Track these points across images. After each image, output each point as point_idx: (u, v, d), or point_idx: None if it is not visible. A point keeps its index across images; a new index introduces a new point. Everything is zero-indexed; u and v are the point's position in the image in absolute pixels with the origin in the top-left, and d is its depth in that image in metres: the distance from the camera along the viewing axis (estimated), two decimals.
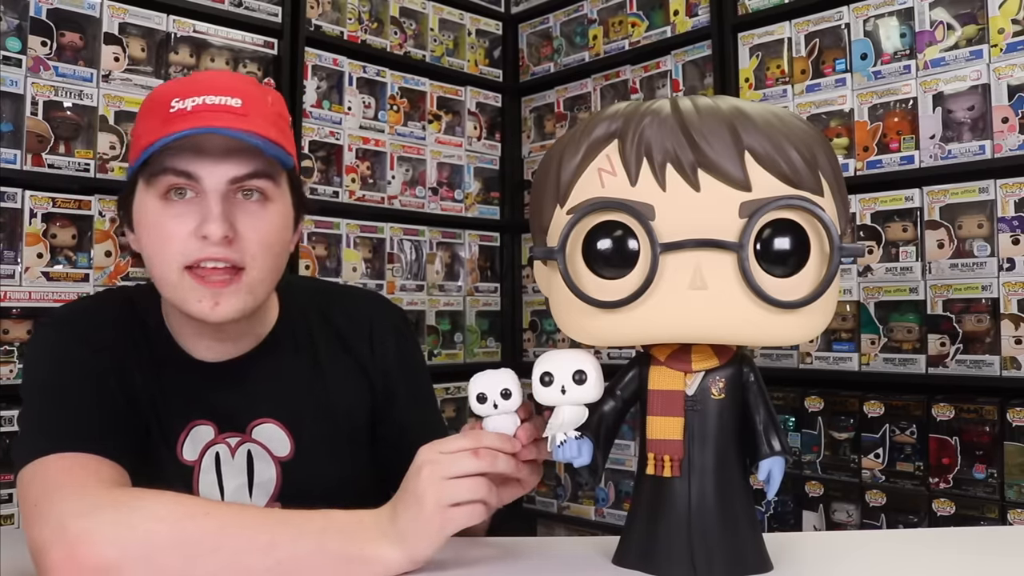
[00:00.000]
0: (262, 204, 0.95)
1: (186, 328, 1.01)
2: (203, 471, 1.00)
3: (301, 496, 0.98)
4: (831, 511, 1.94)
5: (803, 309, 0.74)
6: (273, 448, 1.03)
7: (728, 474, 0.79)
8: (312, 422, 1.05)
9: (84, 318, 1.03)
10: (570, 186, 0.77)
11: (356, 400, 1.09)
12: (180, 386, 1.00)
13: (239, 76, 1.05)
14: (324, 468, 1.04)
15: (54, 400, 0.93)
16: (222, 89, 0.93)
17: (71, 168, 1.80)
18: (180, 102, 0.91)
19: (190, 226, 0.90)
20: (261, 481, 1.02)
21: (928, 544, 1.04)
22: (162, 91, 0.95)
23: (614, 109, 0.78)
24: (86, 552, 0.74)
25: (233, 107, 0.92)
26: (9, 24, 1.74)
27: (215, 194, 0.91)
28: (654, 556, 0.79)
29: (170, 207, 0.92)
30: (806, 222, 0.74)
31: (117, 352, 0.98)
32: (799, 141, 0.74)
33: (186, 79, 0.99)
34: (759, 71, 2.14)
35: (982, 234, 1.79)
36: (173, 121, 0.89)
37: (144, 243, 0.95)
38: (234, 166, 0.91)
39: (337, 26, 2.29)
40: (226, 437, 1.01)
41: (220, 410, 1.01)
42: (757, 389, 0.80)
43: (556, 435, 0.79)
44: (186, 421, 1.00)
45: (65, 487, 0.81)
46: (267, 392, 1.04)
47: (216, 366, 1.02)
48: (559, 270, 0.76)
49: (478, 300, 2.59)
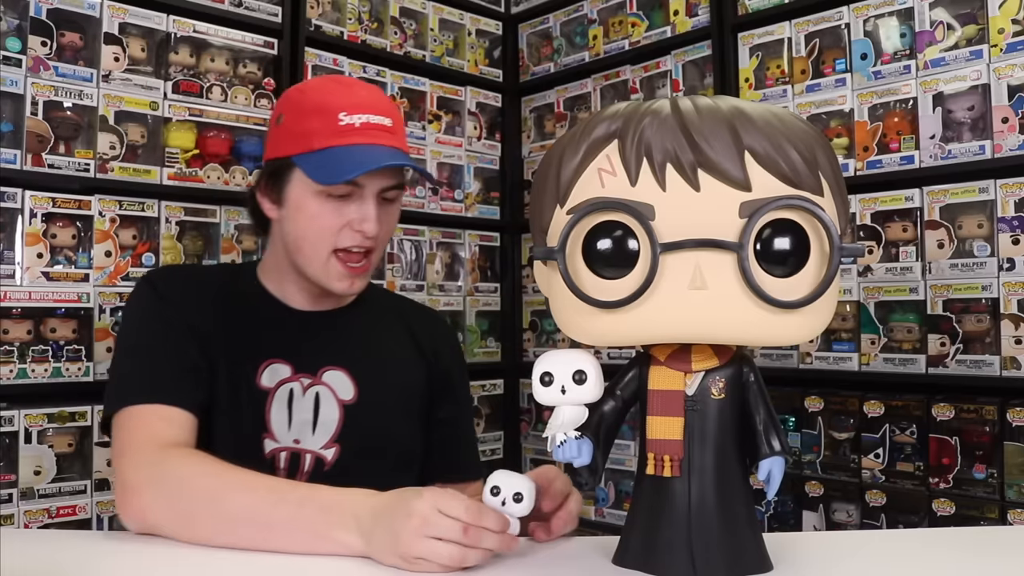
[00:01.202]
0: (393, 204, 1.21)
1: (293, 279, 1.23)
2: (276, 399, 1.16)
3: (358, 440, 1.18)
4: (831, 511, 1.94)
5: (803, 309, 0.74)
6: (339, 392, 1.19)
7: (728, 474, 0.79)
8: (375, 378, 1.23)
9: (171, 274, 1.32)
10: (570, 186, 0.77)
11: (413, 379, 1.29)
12: (268, 326, 1.21)
13: (385, 95, 1.28)
14: (382, 419, 1.21)
15: (133, 355, 1.14)
16: (378, 109, 1.17)
17: (71, 168, 1.80)
18: (348, 117, 1.13)
19: (346, 219, 1.15)
20: (324, 420, 1.18)
21: (928, 544, 1.04)
22: (328, 101, 1.16)
23: (614, 109, 0.78)
24: (133, 498, 0.98)
25: (387, 126, 1.16)
26: (9, 24, 1.74)
27: (371, 199, 1.15)
28: (654, 556, 0.79)
29: (330, 202, 1.15)
30: (806, 222, 0.74)
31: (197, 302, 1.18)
32: (799, 141, 0.74)
33: (346, 90, 1.19)
34: (759, 71, 2.14)
35: (982, 234, 1.79)
36: (345, 134, 1.13)
37: (298, 224, 1.17)
38: (386, 178, 1.16)
39: (337, 26, 2.29)
40: (300, 377, 1.18)
41: (299, 351, 1.19)
42: (757, 389, 0.80)
43: (556, 435, 0.79)
44: (267, 356, 1.17)
45: (130, 448, 1.03)
46: (342, 343, 1.23)
47: (306, 313, 1.24)
48: (559, 270, 0.76)
49: (478, 300, 2.59)
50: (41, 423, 1.70)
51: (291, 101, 1.21)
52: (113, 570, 0.89)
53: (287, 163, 1.16)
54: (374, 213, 1.15)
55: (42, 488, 1.70)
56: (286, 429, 1.15)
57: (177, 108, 1.94)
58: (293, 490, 0.94)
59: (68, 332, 1.78)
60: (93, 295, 1.80)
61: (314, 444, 1.16)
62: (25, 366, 1.72)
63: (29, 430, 1.69)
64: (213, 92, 2.00)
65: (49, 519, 1.69)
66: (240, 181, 2.03)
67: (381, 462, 1.19)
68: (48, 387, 1.74)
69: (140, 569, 0.89)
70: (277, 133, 1.20)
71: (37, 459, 1.69)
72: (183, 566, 0.88)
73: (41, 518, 1.68)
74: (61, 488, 1.72)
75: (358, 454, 1.18)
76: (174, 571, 0.88)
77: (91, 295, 1.80)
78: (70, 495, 1.73)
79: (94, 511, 1.75)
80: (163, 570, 0.89)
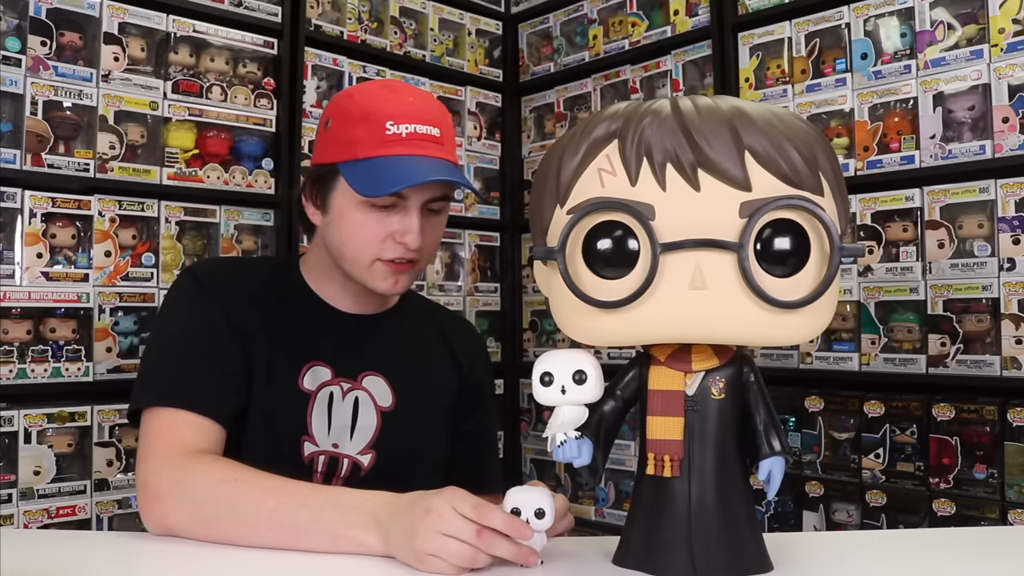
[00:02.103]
0: (439, 215, 1.18)
1: (337, 280, 1.21)
2: (317, 402, 1.16)
3: (394, 446, 1.19)
4: (831, 511, 1.94)
5: (803, 309, 0.74)
6: (378, 398, 1.19)
7: (728, 474, 0.79)
8: (413, 384, 1.23)
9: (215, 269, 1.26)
10: (570, 186, 0.77)
11: (448, 387, 1.29)
12: (312, 325, 1.20)
13: (435, 102, 1.21)
14: (417, 427, 1.21)
15: (168, 352, 1.12)
16: (427, 118, 1.13)
17: (71, 168, 1.79)
18: (395, 126, 1.10)
19: (389, 230, 1.12)
20: (362, 426, 1.18)
21: (928, 544, 1.04)
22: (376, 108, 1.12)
23: (614, 109, 0.78)
24: (154, 502, 0.98)
25: (435, 136, 1.13)
26: (9, 24, 1.74)
27: (415, 210, 1.12)
28: (654, 556, 0.79)
29: (373, 211, 1.12)
30: (806, 222, 0.74)
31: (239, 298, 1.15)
32: (799, 141, 0.74)
33: (394, 97, 1.15)
34: (759, 71, 2.14)
35: (982, 234, 1.78)
36: (391, 144, 1.10)
37: (343, 231, 1.14)
38: (431, 191, 1.13)
39: (337, 26, 2.29)
40: (340, 381, 1.18)
41: (341, 353, 1.19)
42: (757, 389, 0.80)
43: (556, 435, 0.79)
44: (310, 357, 1.17)
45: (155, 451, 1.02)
46: (382, 349, 1.23)
47: (349, 316, 1.23)
48: (559, 270, 0.76)
49: (478, 300, 2.59)
50: (41, 423, 1.70)
51: (339, 107, 1.17)
52: (113, 570, 0.89)
53: (332, 170, 1.14)
54: (417, 225, 1.12)
55: (42, 488, 1.70)
56: (326, 433, 1.15)
57: (177, 108, 1.94)
58: (314, 493, 0.95)
59: (68, 332, 1.78)
60: (93, 295, 1.80)
61: (351, 449, 1.17)
62: (25, 366, 1.72)
63: (29, 430, 1.69)
64: (213, 92, 2.00)
65: (49, 519, 1.69)
66: (240, 181, 2.03)
67: (415, 468, 1.20)
68: (48, 387, 1.74)
69: (140, 569, 0.89)
70: (325, 138, 1.17)
71: (37, 459, 1.70)
72: (183, 566, 0.88)
73: (41, 518, 1.68)
74: (61, 488, 1.72)
75: (393, 460, 1.18)
76: (174, 571, 0.88)
77: (91, 295, 1.80)
78: (70, 495, 1.73)
79: (94, 511, 1.75)
80: (163, 570, 0.88)
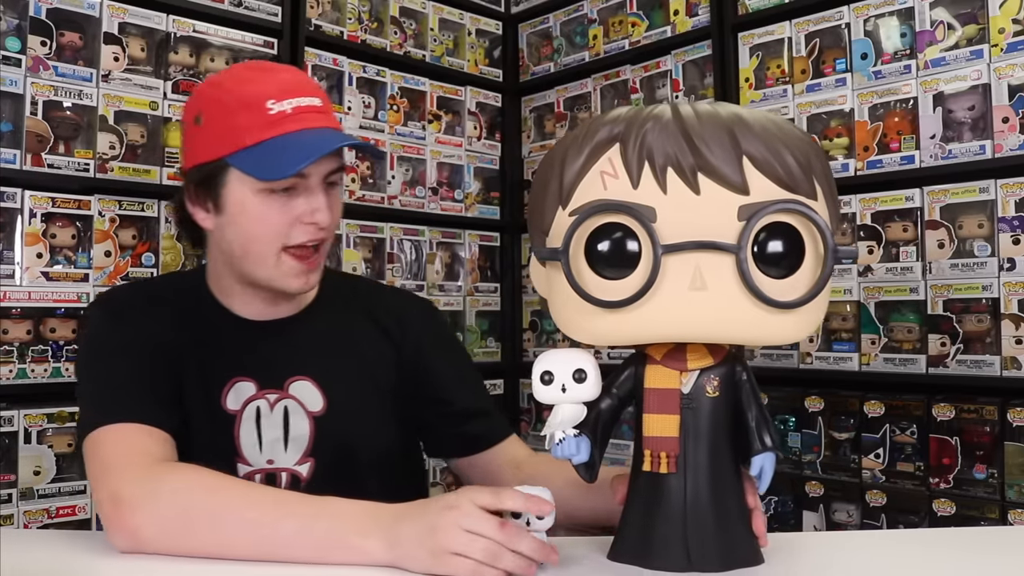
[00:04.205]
0: (337, 187, 1.11)
1: (241, 290, 1.14)
2: (244, 420, 1.10)
3: (332, 451, 1.13)
4: (831, 511, 1.94)
5: (798, 309, 0.76)
6: (307, 404, 1.13)
7: (721, 470, 0.81)
8: (343, 382, 1.15)
9: (124, 296, 1.21)
10: (573, 188, 0.79)
11: (383, 366, 1.20)
12: (227, 342, 1.13)
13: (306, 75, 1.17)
14: (354, 425, 1.15)
15: (101, 376, 1.06)
16: (306, 90, 1.07)
17: (71, 168, 1.80)
18: (277, 104, 1.03)
19: (295, 213, 1.05)
20: (296, 435, 1.12)
21: (928, 544, 1.04)
22: (252, 91, 1.05)
23: (616, 114, 0.80)
24: (124, 518, 0.89)
25: (318, 106, 1.07)
26: (9, 24, 1.74)
27: (319, 187, 1.06)
28: (650, 549, 0.81)
29: (275, 197, 1.05)
30: (801, 225, 0.76)
31: (157, 322, 1.10)
32: (795, 147, 0.76)
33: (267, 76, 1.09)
34: (759, 71, 2.14)
35: (982, 234, 1.78)
36: (279, 123, 1.03)
37: (243, 227, 1.07)
38: (329, 162, 1.07)
39: (337, 26, 2.29)
40: (266, 393, 1.12)
41: (262, 365, 1.12)
42: (749, 387, 0.82)
43: (555, 433, 0.80)
44: (230, 376, 1.11)
45: (116, 462, 0.95)
46: (304, 351, 1.15)
47: (263, 324, 1.15)
48: (563, 271, 0.77)
49: (478, 300, 2.59)
50: (41, 423, 1.70)
51: (209, 98, 1.08)
52: (113, 570, 0.89)
53: (220, 166, 1.05)
54: (324, 202, 1.06)
55: (42, 488, 1.70)
56: (257, 451, 1.10)
57: (177, 108, 1.94)
58: (300, 502, 0.91)
59: (68, 332, 1.78)
60: (93, 295, 1.80)
61: (288, 461, 1.11)
62: (25, 366, 1.72)
63: (29, 430, 1.69)
64: None
65: (49, 519, 1.69)
66: None
67: (359, 469, 1.14)
68: (48, 387, 1.74)
69: (140, 569, 0.89)
70: (197, 135, 1.08)
71: (37, 459, 1.70)
72: (183, 566, 0.88)
73: (41, 518, 1.69)
74: (61, 488, 1.72)
75: (333, 465, 1.12)
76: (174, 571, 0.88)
77: (91, 295, 1.80)
78: (70, 495, 1.73)
79: (94, 511, 1.75)
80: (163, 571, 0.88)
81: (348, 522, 0.86)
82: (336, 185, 1.11)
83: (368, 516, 0.86)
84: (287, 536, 0.86)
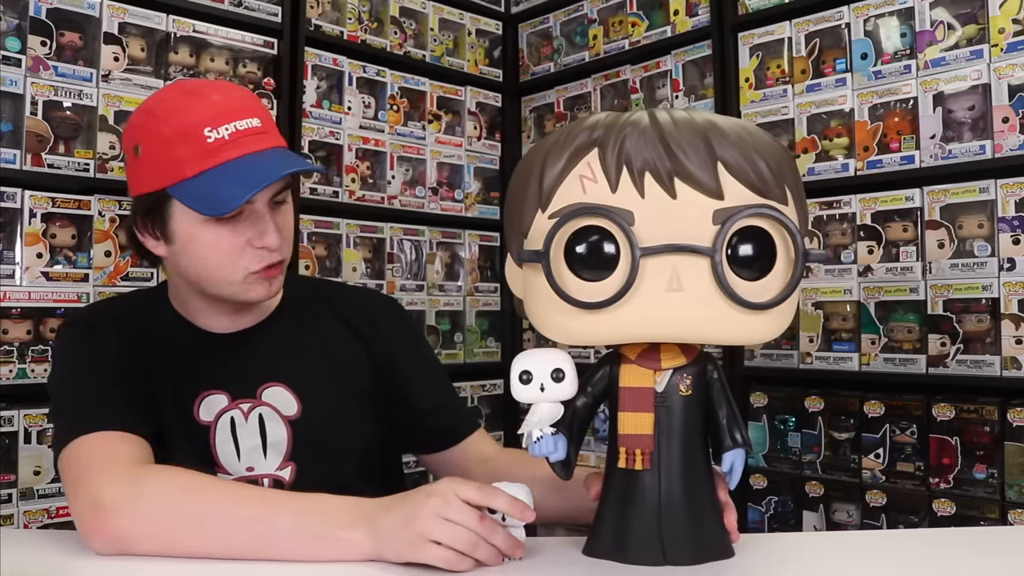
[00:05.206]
0: (286, 204, 1.11)
1: (203, 306, 1.14)
2: (219, 430, 1.11)
3: (311, 454, 1.13)
4: (831, 511, 1.94)
5: (770, 310, 0.79)
6: (282, 409, 1.13)
7: (694, 466, 0.83)
8: (317, 384, 1.16)
9: (92, 316, 1.20)
10: (552, 191, 0.81)
11: (357, 367, 1.21)
12: (194, 357, 1.13)
13: (241, 90, 1.14)
14: (330, 427, 1.15)
15: (74, 391, 1.06)
16: (241, 112, 1.04)
17: (71, 168, 1.80)
18: (214, 131, 1.02)
19: (245, 237, 1.05)
20: (273, 441, 1.12)
21: (928, 544, 1.04)
22: (186, 119, 1.02)
23: (594, 119, 0.82)
24: (107, 521, 0.88)
25: (257, 127, 1.05)
26: (9, 24, 1.74)
27: (265, 211, 1.06)
28: (625, 544, 0.83)
29: (222, 225, 1.04)
30: (773, 229, 0.79)
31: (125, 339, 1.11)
32: (767, 154, 0.79)
33: (198, 102, 1.05)
34: (759, 71, 2.14)
35: (982, 234, 1.78)
36: (218, 152, 1.01)
37: (197, 255, 1.06)
38: (275, 185, 1.06)
39: (337, 26, 2.29)
40: (239, 403, 1.12)
41: (232, 377, 1.13)
42: (720, 386, 0.85)
43: (532, 431, 0.82)
44: (200, 389, 1.11)
45: (93, 468, 0.93)
46: (274, 358, 1.16)
47: (229, 336, 1.16)
48: (544, 272, 0.79)
49: (478, 300, 2.59)
50: (41, 423, 1.70)
51: (143, 129, 1.06)
52: (113, 570, 0.89)
53: (162, 196, 1.04)
54: (272, 226, 1.06)
55: (42, 488, 1.70)
56: (236, 460, 1.11)
57: None
58: (288, 499, 0.93)
59: None
60: (93, 295, 1.80)
61: (268, 467, 1.12)
62: (25, 366, 1.72)
63: (29, 430, 1.69)
64: None
65: (49, 519, 1.69)
66: None
67: (340, 469, 1.15)
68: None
69: (140, 570, 0.89)
70: (138, 165, 1.06)
71: (37, 459, 1.70)
72: (183, 566, 0.88)
73: (41, 518, 1.69)
74: (60, 488, 1.71)
75: (315, 467, 1.13)
76: (174, 571, 0.88)
77: (91, 295, 1.80)
78: None
79: None
80: (163, 570, 0.88)
81: (336, 516, 0.87)
82: (284, 203, 1.10)
83: (352, 510, 0.88)
84: (282, 530, 0.87)
